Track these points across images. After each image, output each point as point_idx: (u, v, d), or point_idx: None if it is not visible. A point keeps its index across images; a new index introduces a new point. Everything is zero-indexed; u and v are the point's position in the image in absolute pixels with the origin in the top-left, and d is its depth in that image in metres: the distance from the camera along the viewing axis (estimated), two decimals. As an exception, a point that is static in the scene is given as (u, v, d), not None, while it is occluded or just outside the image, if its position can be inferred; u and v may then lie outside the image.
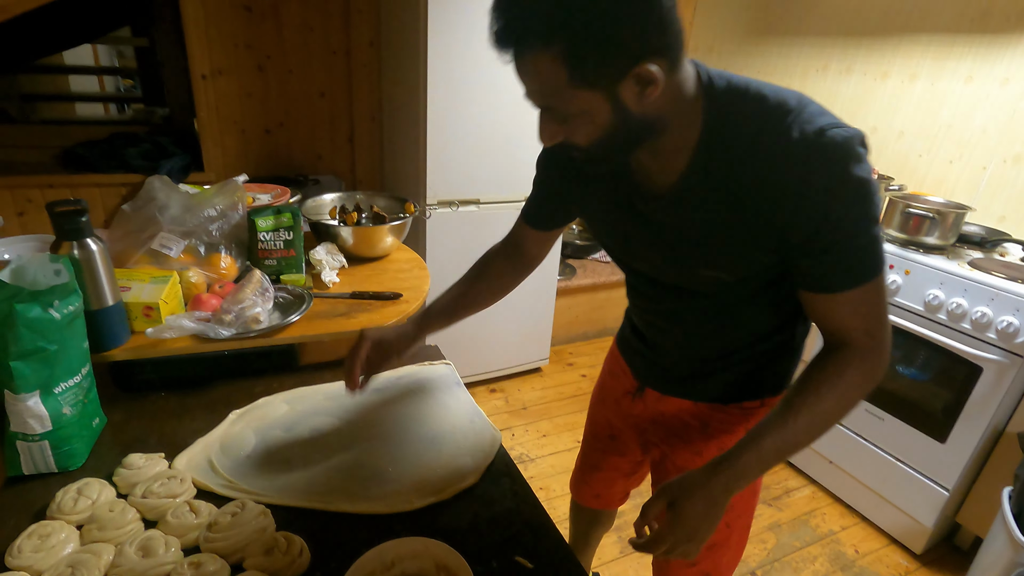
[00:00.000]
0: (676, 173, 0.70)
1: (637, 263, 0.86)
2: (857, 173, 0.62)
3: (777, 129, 0.63)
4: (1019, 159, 1.95)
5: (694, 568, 1.01)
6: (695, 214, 0.71)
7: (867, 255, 0.66)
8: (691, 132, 0.67)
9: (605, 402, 1.16)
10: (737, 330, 0.85)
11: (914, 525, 1.82)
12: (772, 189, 0.64)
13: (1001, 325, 1.56)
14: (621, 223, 0.81)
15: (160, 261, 1.19)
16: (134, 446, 0.91)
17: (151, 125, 2.61)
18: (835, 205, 0.62)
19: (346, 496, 0.84)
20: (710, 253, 0.73)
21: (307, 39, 2.41)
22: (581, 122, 0.64)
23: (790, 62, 2.67)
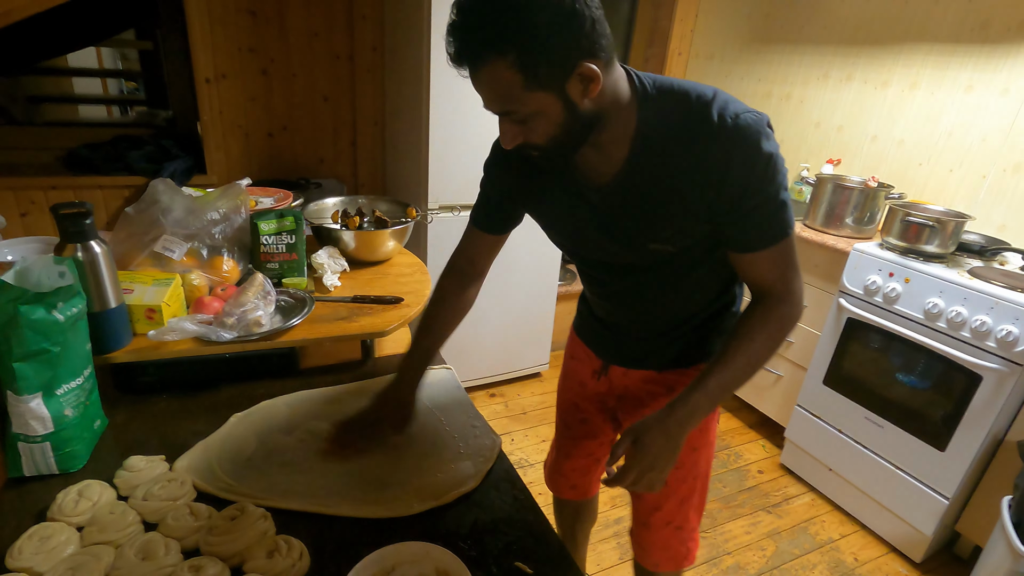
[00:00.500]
0: (618, 163, 0.79)
1: (589, 250, 0.93)
2: (767, 149, 0.73)
3: (700, 117, 0.74)
4: (1019, 168, 1.96)
5: (670, 526, 1.13)
6: (638, 197, 0.80)
7: (779, 218, 0.78)
8: (627, 126, 0.77)
9: (571, 388, 1.22)
10: (687, 297, 0.95)
11: (914, 533, 1.82)
12: (701, 168, 0.75)
13: (1001, 334, 1.56)
14: (572, 215, 0.88)
15: (163, 264, 1.19)
16: (135, 448, 0.91)
17: (154, 128, 2.63)
18: (751, 177, 0.74)
19: (347, 500, 0.84)
20: (654, 230, 0.82)
21: (311, 44, 2.43)
22: (538, 122, 0.72)
23: (791, 70, 2.69)
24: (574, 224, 0.90)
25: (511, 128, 0.74)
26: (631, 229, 0.84)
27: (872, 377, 1.91)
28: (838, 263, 2.00)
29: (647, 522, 1.15)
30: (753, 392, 2.45)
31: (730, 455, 2.31)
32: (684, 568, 1.18)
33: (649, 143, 0.77)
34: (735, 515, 1.99)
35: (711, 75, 3.11)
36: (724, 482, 2.15)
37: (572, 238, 0.94)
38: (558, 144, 0.75)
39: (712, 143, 0.73)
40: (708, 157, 0.74)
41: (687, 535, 1.14)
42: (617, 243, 0.87)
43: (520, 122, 0.72)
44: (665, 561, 1.17)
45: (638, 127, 0.77)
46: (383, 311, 1.28)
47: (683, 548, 1.15)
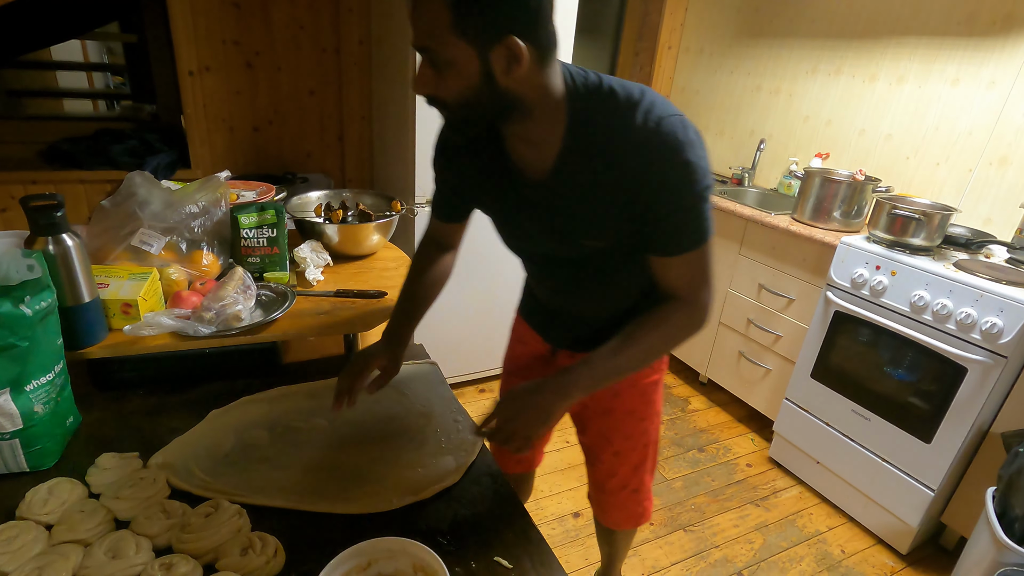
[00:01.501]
0: (550, 160, 0.80)
1: (529, 244, 0.94)
2: (687, 157, 0.74)
3: (626, 121, 0.74)
4: (1004, 161, 1.97)
5: (626, 489, 1.21)
6: (569, 195, 0.81)
7: (695, 227, 0.78)
8: (558, 125, 0.77)
9: (518, 370, 1.22)
10: (625, 290, 0.95)
11: (900, 525, 1.83)
12: (624, 170, 0.75)
13: (985, 326, 1.57)
14: (511, 210, 0.90)
15: (140, 258, 1.17)
16: (109, 445, 0.89)
17: (139, 122, 2.59)
18: (667, 184, 0.75)
19: (324, 496, 0.83)
20: (586, 227, 0.83)
21: (297, 36, 2.40)
22: (452, 75, 0.70)
23: (779, 64, 2.68)
24: (513, 219, 0.92)
25: (426, 72, 0.72)
26: (565, 225, 0.85)
27: (859, 370, 1.91)
28: (826, 256, 2.01)
29: (604, 487, 1.23)
30: (742, 386, 2.46)
31: (719, 449, 2.32)
32: (643, 524, 1.29)
33: (578, 143, 0.77)
34: (723, 508, 2.00)
35: (700, 69, 3.10)
36: (713, 476, 2.16)
37: (512, 232, 0.96)
38: (466, 108, 0.73)
39: (633, 147, 0.74)
40: (628, 161, 0.75)
41: (643, 496, 1.23)
42: (553, 238, 0.88)
43: (436, 68, 0.71)
44: (624, 520, 1.28)
45: (568, 125, 0.77)
46: (366, 305, 1.27)
47: (639, 508, 1.25)
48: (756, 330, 2.33)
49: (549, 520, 1.88)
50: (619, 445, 1.16)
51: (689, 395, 2.68)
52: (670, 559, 1.77)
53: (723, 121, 3.03)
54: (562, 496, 1.98)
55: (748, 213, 2.27)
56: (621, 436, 1.15)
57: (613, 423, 1.14)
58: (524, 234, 0.92)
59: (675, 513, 1.96)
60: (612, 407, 1.12)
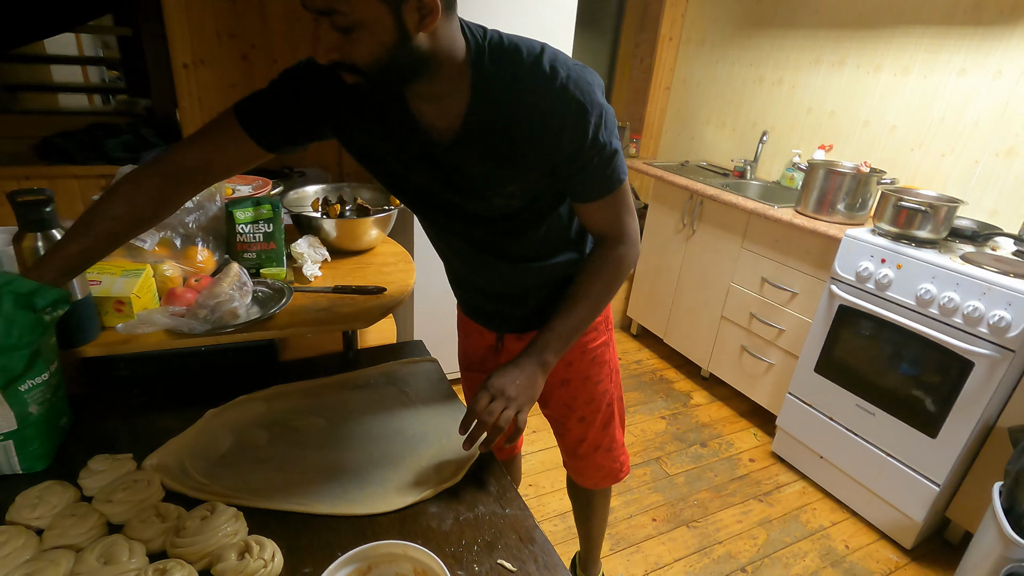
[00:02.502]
0: (457, 118, 0.78)
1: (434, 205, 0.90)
2: (600, 105, 0.76)
3: (535, 76, 0.74)
4: (1011, 153, 1.94)
5: (599, 450, 1.22)
6: (479, 153, 0.79)
7: (612, 169, 0.82)
8: (463, 82, 0.75)
9: (472, 366, 1.22)
10: (546, 249, 0.96)
11: (904, 520, 1.82)
12: (537, 125, 0.76)
13: (993, 319, 1.54)
14: (413, 171, 0.85)
15: (133, 254, 1.14)
16: (103, 447, 0.87)
17: (133, 116, 2.55)
18: (587, 131, 0.76)
19: (324, 497, 0.81)
20: (497, 183, 0.83)
21: (293, 28, 2.36)
22: (363, 36, 0.65)
23: (783, 55, 2.65)
24: (412, 173, 0.86)
25: (330, 36, 0.65)
26: (475, 183, 0.83)
27: (864, 364, 1.89)
28: (830, 249, 1.98)
29: (576, 452, 1.24)
30: (745, 380, 2.44)
31: (721, 444, 2.30)
32: (622, 479, 1.29)
33: (485, 101, 0.76)
34: (726, 504, 1.98)
35: (701, 60, 3.07)
36: (715, 471, 2.14)
37: (410, 188, 0.90)
38: (382, 70, 0.68)
39: (548, 98, 0.74)
40: (545, 111, 0.75)
41: (617, 452, 1.25)
42: (461, 196, 0.86)
43: (342, 31, 0.64)
44: (602, 479, 1.28)
45: (474, 81, 0.75)
46: (365, 301, 1.24)
47: (615, 464, 1.26)
48: (759, 324, 2.31)
49: (551, 516, 1.87)
50: (582, 411, 1.17)
51: (691, 390, 2.67)
52: (673, 555, 1.76)
53: (725, 113, 3.00)
54: (563, 492, 1.96)
55: (751, 206, 2.24)
56: (582, 402, 1.16)
57: (572, 392, 1.15)
58: (428, 195, 0.89)
59: (678, 509, 1.94)
60: (568, 377, 1.14)
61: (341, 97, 0.80)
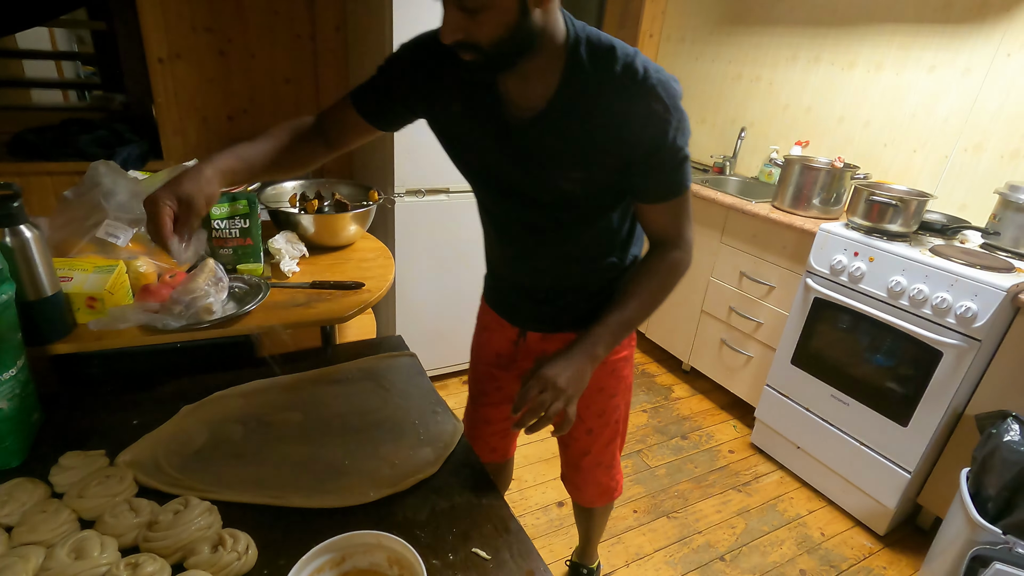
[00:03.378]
0: (542, 98, 0.80)
1: (495, 180, 0.93)
2: (680, 108, 0.80)
3: (626, 74, 0.77)
4: (979, 148, 1.99)
5: (600, 466, 1.23)
6: (557, 135, 0.82)
7: (682, 173, 0.85)
8: (557, 62, 0.78)
9: (486, 359, 1.22)
10: (588, 248, 0.97)
11: (878, 507, 1.86)
12: (621, 118, 0.78)
13: (960, 310, 1.59)
14: (485, 142, 0.88)
15: (107, 250, 1.13)
16: (75, 443, 0.86)
17: (109, 112, 2.51)
18: (666, 133, 0.79)
19: (299, 490, 0.82)
20: (567, 168, 0.84)
21: (271, 23, 2.34)
22: (489, 17, 0.69)
23: (760, 51, 2.68)
24: (485, 149, 0.89)
25: (457, 17, 0.70)
26: (544, 164, 0.85)
27: (838, 356, 1.93)
28: (805, 243, 2.02)
29: (578, 465, 1.24)
30: (724, 373, 2.48)
31: (701, 436, 2.33)
32: (615, 499, 1.31)
33: (575, 83, 0.78)
34: (706, 495, 2.01)
35: (682, 57, 3.09)
36: (695, 463, 2.17)
37: (478, 162, 0.93)
38: (499, 51, 0.72)
39: (636, 96, 0.77)
40: (631, 109, 0.77)
41: (615, 471, 1.27)
42: (528, 175, 0.87)
43: (469, 12, 0.69)
44: (598, 497, 1.30)
45: (567, 65, 0.78)
46: (343, 296, 1.24)
47: (612, 483, 1.28)
48: (738, 318, 2.34)
49: (533, 510, 1.88)
50: (591, 423, 1.17)
51: (672, 383, 2.70)
52: (653, 545, 1.78)
53: (705, 109, 3.03)
54: (546, 486, 1.99)
55: (729, 201, 2.27)
56: (593, 414, 1.16)
57: (585, 401, 1.13)
58: (492, 168, 0.91)
59: (658, 500, 1.97)
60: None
61: (432, 74, 0.86)
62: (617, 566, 1.70)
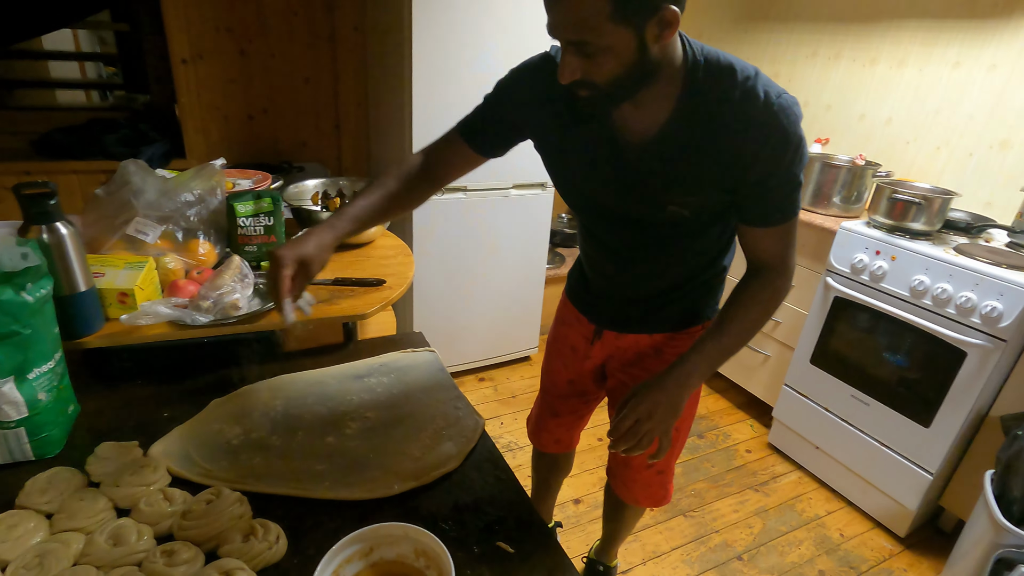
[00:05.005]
0: (657, 123, 0.80)
1: (601, 202, 0.92)
2: (800, 134, 0.77)
3: (745, 94, 0.75)
4: (1005, 145, 1.96)
5: (652, 469, 1.20)
6: (670, 160, 0.81)
7: (794, 199, 0.83)
8: (673, 87, 0.77)
9: (561, 351, 1.24)
10: (685, 262, 0.97)
11: (898, 509, 1.84)
12: (738, 142, 0.76)
13: (985, 310, 1.56)
14: (595, 164, 0.87)
15: (136, 247, 1.16)
16: (109, 435, 0.89)
17: (132, 111, 2.56)
18: (783, 158, 0.77)
19: (326, 482, 0.83)
20: (679, 192, 0.84)
21: (291, 24, 2.37)
22: (607, 59, 0.69)
23: (779, 48, 2.66)
24: (594, 173, 0.89)
25: (574, 61, 0.70)
26: (655, 188, 0.84)
27: (858, 355, 1.91)
28: (825, 242, 2.00)
29: (631, 463, 1.22)
30: (741, 372, 2.46)
31: (718, 435, 2.32)
32: (663, 506, 1.30)
33: (692, 108, 0.77)
34: (723, 494, 2.01)
35: (699, 55, 3.07)
36: (712, 462, 2.17)
37: (585, 186, 0.92)
38: (617, 87, 0.72)
39: (755, 120, 0.75)
40: (748, 132, 0.76)
41: (667, 478, 1.24)
42: (637, 200, 0.87)
43: (587, 55, 0.69)
44: (645, 499, 1.28)
45: (683, 91, 0.77)
46: (365, 293, 1.26)
47: (662, 490, 1.25)
48: (755, 316, 2.32)
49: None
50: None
51: (688, 382, 2.69)
52: (670, 544, 1.78)
53: (722, 107, 3.00)
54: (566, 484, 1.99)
55: (747, 199, 2.25)
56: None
57: None
58: (600, 191, 0.91)
59: (675, 499, 1.96)
60: None
61: (543, 100, 0.87)
62: (634, 564, 1.71)
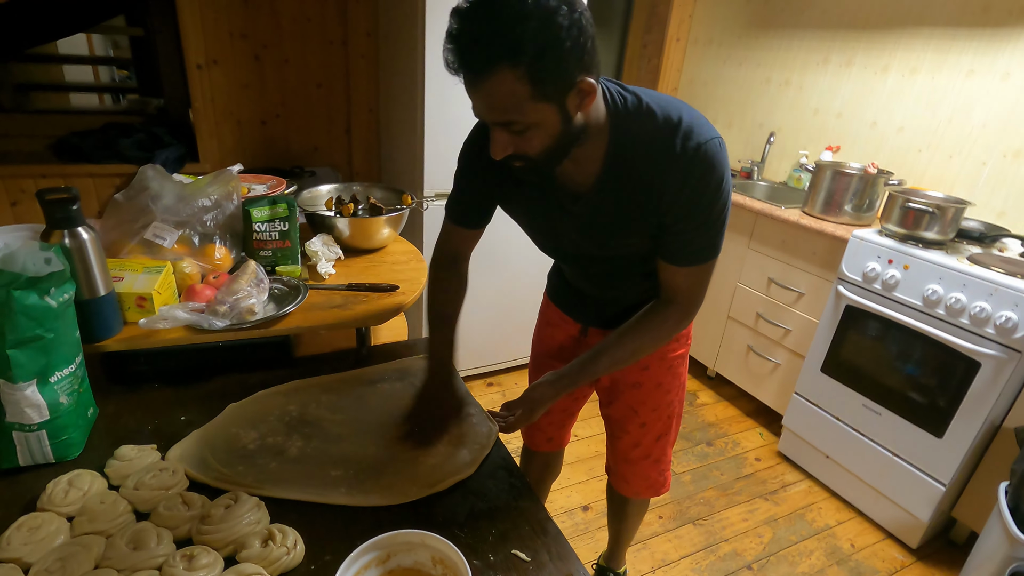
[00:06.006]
0: (592, 176, 0.86)
1: (565, 246, 1.00)
2: (718, 181, 0.81)
3: (665, 144, 0.79)
4: (1019, 154, 1.94)
5: (649, 459, 1.25)
6: (608, 208, 0.87)
7: (707, 245, 0.87)
8: (601, 143, 0.83)
9: (548, 352, 1.27)
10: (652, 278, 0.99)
11: (910, 520, 1.83)
12: (659, 188, 0.82)
13: (1000, 320, 1.55)
14: (551, 218, 0.95)
15: (153, 251, 1.17)
16: (127, 438, 0.90)
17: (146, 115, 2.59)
18: (699, 204, 0.82)
19: (342, 488, 0.84)
20: (622, 232, 0.90)
21: (304, 29, 2.39)
22: (535, 134, 0.74)
23: (790, 55, 2.66)
24: (552, 226, 0.97)
25: (504, 138, 0.75)
26: (604, 232, 0.91)
27: (870, 365, 1.90)
28: (837, 250, 1.99)
29: (628, 457, 1.27)
30: (750, 380, 2.45)
31: (727, 443, 2.31)
32: (662, 494, 1.33)
33: (619, 161, 0.83)
34: (732, 503, 2.00)
35: (708, 60, 3.08)
36: (721, 470, 2.16)
37: (550, 237, 1.01)
38: (548, 156, 0.77)
39: (671, 170, 0.80)
40: (666, 181, 0.81)
41: (664, 466, 1.28)
42: (589, 244, 0.95)
43: (516, 133, 0.74)
44: (645, 490, 1.31)
45: (610, 146, 0.83)
46: (378, 299, 1.26)
47: (660, 478, 1.29)
48: (765, 324, 2.32)
49: (558, 513, 1.88)
50: (645, 416, 1.20)
51: (697, 389, 2.68)
52: (679, 552, 1.77)
53: (731, 113, 3.01)
54: (571, 489, 1.99)
55: (758, 207, 2.25)
56: (648, 408, 1.19)
57: (641, 396, 1.18)
58: (561, 239, 0.98)
59: (684, 507, 1.96)
60: (641, 380, 1.17)
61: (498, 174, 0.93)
62: (643, 572, 1.70)
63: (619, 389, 1.20)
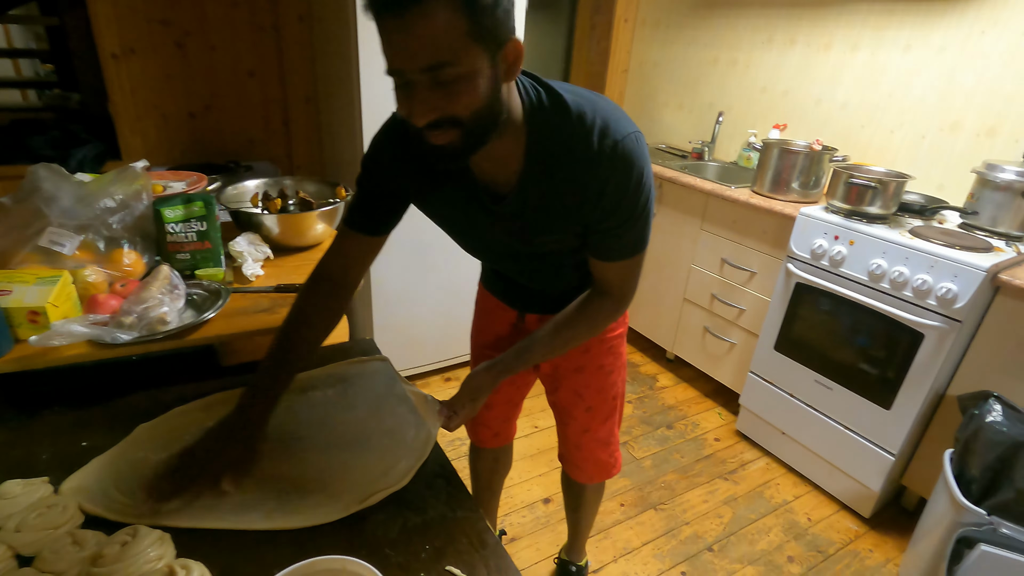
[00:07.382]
0: (512, 176, 0.82)
1: (488, 245, 0.98)
2: (637, 177, 0.79)
3: (582, 143, 0.76)
4: (956, 127, 1.98)
5: (598, 443, 1.25)
6: (531, 208, 0.84)
7: (634, 239, 0.86)
8: (520, 140, 0.78)
9: (487, 340, 1.23)
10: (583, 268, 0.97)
11: (862, 490, 1.86)
12: (580, 187, 0.79)
13: (940, 292, 1.58)
14: (472, 219, 0.91)
15: (52, 259, 1.06)
16: (18, 470, 0.80)
17: (67, 111, 2.40)
18: (622, 201, 0.80)
19: (260, 512, 0.77)
20: (547, 231, 0.87)
21: (230, 14, 2.24)
22: (465, 88, 0.65)
23: (736, 35, 2.65)
24: (474, 226, 0.93)
25: (430, 96, 0.64)
26: (527, 232, 0.88)
27: (821, 341, 1.92)
28: (786, 228, 2.00)
29: (579, 443, 1.25)
30: (708, 361, 2.46)
31: (687, 425, 2.32)
32: (614, 475, 1.31)
33: (539, 160, 0.79)
34: (693, 484, 2.00)
35: (657, 41, 3.05)
36: (682, 452, 2.16)
37: (472, 237, 0.97)
38: (477, 123, 0.68)
39: (590, 168, 0.77)
40: (587, 180, 0.78)
41: (613, 448, 1.27)
42: (517, 241, 0.91)
43: (443, 85, 0.64)
44: (597, 473, 1.30)
45: (528, 144, 0.79)
46: (310, 300, 1.18)
47: (611, 459, 1.28)
48: (720, 305, 2.32)
49: (519, 508, 1.85)
50: (591, 400, 1.18)
51: (656, 372, 2.68)
52: (641, 539, 1.76)
53: (682, 94, 2.99)
54: (532, 483, 1.96)
55: (708, 187, 2.24)
56: (592, 391, 1.17)
57: (585, 379, 1.16)
58: (483, 239, 0.95)
59: (645, 492, 1.95)
60: (583, 364, 1.15)
61: (415, 172, 0.86)
62: (605, 562, 1.68)
63: (562, 375, 1.18)
